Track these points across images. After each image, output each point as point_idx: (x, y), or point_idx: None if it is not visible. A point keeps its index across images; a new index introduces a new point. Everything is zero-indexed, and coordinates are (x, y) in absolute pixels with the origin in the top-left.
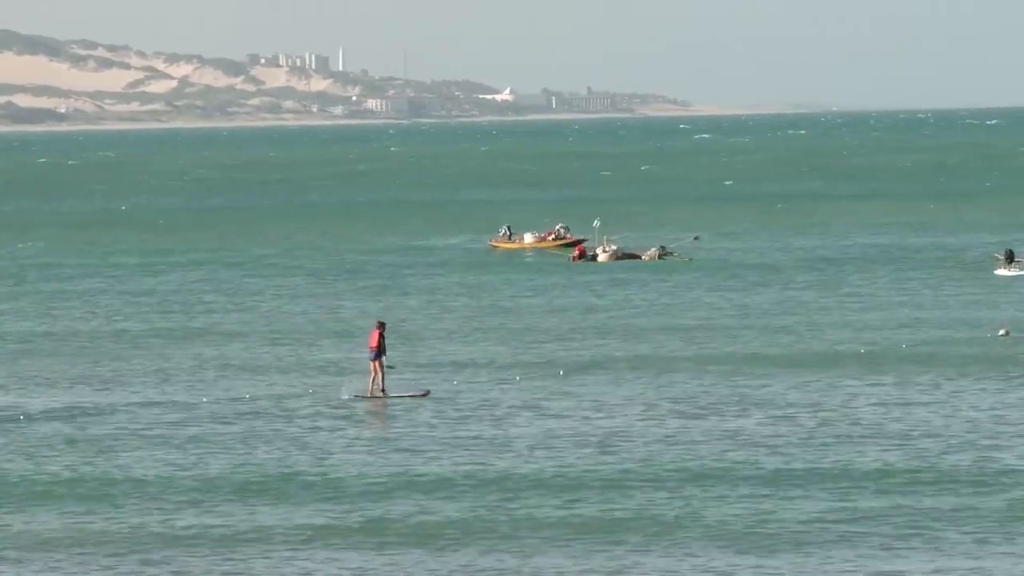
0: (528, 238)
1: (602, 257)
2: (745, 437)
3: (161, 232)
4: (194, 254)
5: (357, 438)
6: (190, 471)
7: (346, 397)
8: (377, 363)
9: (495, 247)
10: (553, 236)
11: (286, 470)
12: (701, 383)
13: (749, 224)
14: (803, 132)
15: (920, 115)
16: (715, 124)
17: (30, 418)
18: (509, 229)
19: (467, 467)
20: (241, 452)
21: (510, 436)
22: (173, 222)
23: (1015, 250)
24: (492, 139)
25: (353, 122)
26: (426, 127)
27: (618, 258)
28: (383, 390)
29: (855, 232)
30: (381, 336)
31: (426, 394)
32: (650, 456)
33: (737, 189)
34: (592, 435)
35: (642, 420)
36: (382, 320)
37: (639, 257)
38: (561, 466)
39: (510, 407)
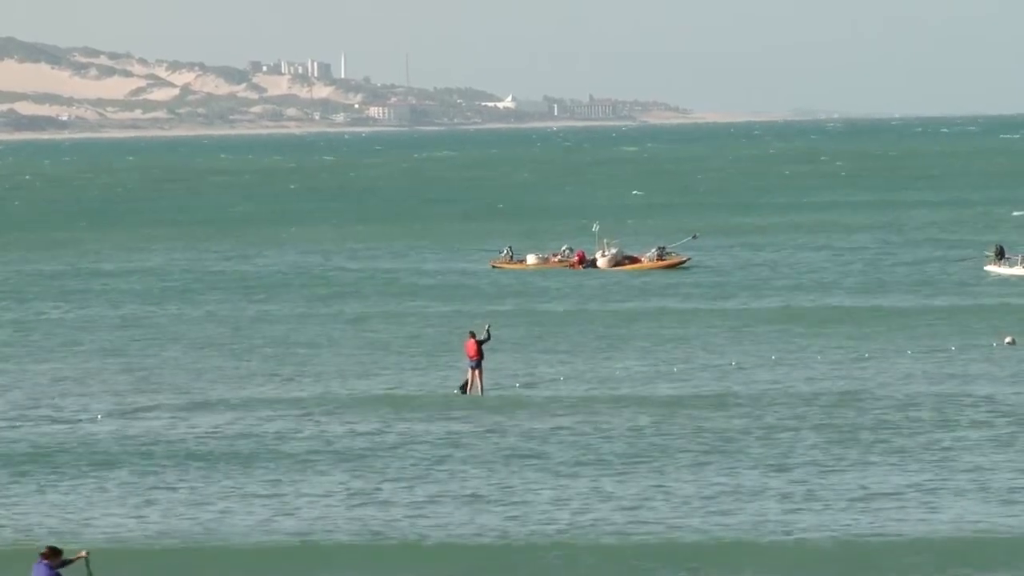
0: (531, 259)
1: (601, 262)
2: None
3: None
4: None
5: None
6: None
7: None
8: (476, 371)
9: (496, 268)
10: (558, 258)
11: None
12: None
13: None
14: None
15: (929, 122)
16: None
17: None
18: (511, 249)
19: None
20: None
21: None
22: None
23: (1005, 247)
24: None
25: (355, 129)
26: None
27: (618, 262)
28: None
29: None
30: (478, 344)
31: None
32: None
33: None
34: None
35: None
36: (472, 330)
37: (639, 260)
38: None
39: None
